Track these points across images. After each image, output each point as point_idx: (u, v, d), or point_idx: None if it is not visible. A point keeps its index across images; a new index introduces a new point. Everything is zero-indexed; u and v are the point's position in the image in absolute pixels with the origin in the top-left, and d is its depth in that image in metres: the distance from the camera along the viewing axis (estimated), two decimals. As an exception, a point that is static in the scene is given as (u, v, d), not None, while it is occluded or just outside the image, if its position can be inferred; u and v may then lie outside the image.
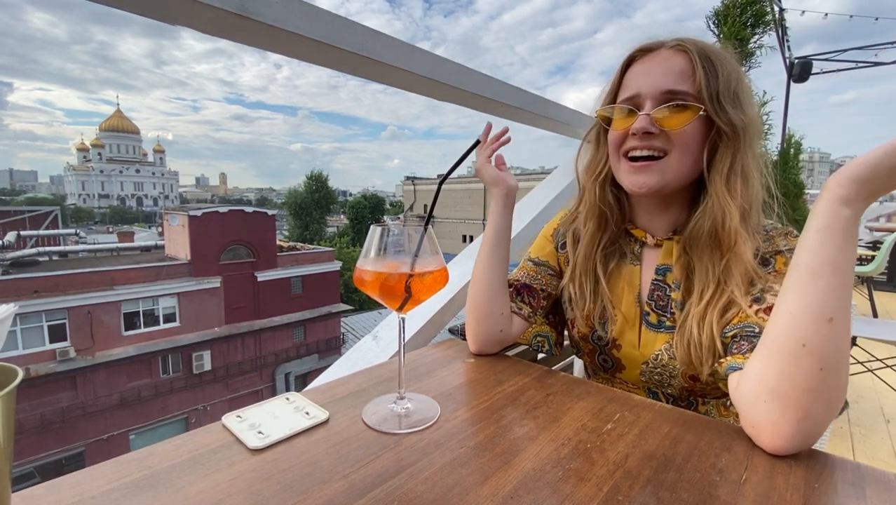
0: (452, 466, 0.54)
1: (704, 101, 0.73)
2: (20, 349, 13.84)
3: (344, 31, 0.96)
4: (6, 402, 0.34)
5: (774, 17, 3.84)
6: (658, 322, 0.83)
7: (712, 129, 0.75)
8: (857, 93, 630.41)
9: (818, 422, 0.56)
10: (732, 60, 0.78)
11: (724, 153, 0.75)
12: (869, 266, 4.62)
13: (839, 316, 0.55)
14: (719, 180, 0.75)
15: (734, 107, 0.74)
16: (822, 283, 0.55)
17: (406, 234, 0.65)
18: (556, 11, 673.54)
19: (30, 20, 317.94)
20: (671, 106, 0.74)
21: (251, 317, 18.56)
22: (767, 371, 0.58)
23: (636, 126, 0.76)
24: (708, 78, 0.73)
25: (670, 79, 0.75)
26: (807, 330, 0.55)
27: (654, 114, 0.75)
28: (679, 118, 0.74)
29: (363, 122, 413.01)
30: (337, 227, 49.21)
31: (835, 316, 0.54)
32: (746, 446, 0.59)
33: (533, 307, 0.95)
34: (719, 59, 0.76)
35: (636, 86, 0.78)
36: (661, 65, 0.77)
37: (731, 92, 0.74)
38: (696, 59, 0.74)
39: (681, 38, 0.78)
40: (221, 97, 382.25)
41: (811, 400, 0.54)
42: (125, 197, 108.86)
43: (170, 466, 0.53)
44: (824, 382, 0.54)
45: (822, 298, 0.55)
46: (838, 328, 0.55)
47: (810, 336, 0.55)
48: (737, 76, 0.76)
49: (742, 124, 0.74)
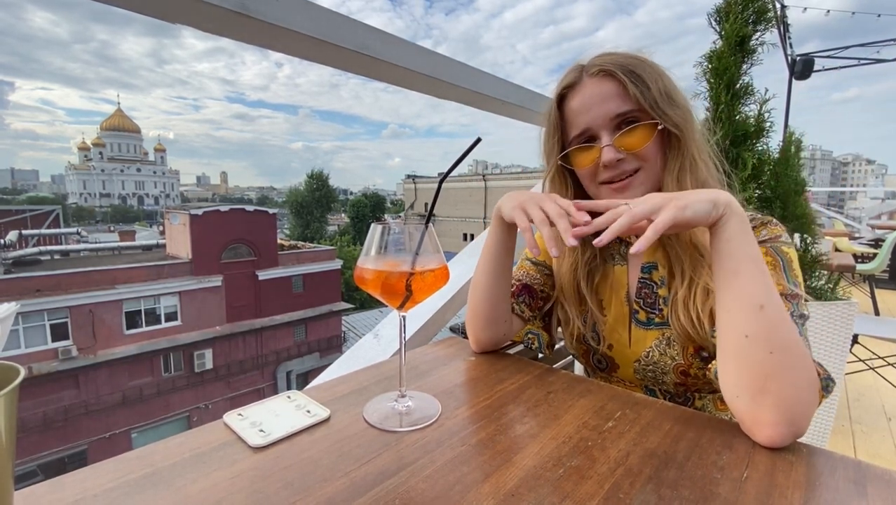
0: (453, 464, 0.54)
1: (649, 113, 0.76)
2: (22, 348, 13.89)
3: (345, 30, 0.96)
4: (8, 400, 0.34)
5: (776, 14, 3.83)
6: (647, 319, 0.84)
7: (663, 134, 0.78)
8: (859, 90, 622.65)
9: (795, 402, 0.57)
10: (649, 61, 0.79)
11: (674, 154, 0.78)
12: (870, 264, 4.62)
13: (768, 301, 0.59)
14: (671, 182, 0.78)
15: (671, 105, 0.76)
16: (743, 276, 0.60)
17: (407, 232, 0.65)
18: (558, 9, 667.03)
19: (31, 19, 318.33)
20: (626, 129, 0.77)
21: (252, 315, 18.59)
22: (728, 368, 0.63)
23: (605, 159, 0.78)
24: (641, 91, 0.75)
25: (612, 104, 0.77)
26: (744, 321, 0.60)
27: (615, 141, 0.77)
28: (638, 138, 0.77)
29: (364, 121, 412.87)
30: (338, 226, 49.22)
31: (764, 302, 0.59)
32: (748, 444, 0.59)
33: (532, 309, 0.95)
34: (640, 67, 0.77)
35: (582, 122, 0.80)
36: (595, 94, 0.78)
37: (664, 93, 0.76)
38: (622, 78, 0.76)
39: (597, 62, 0.79)
40: (222, 96, 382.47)
41: (776, 383, 0.57)
42: (126, 196, 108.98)
43: (171, 464, 0.53)
44: (780, 364, 0.57)
45: (748, 290, 0.60)
46: (771, 311, 0.59)
47: (749, 326, 0.59)
48: (659, 74, 0.78)
49: (683, 118, 0.77)
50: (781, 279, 0.70)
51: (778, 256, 0.73)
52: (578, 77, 0.81)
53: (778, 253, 0.73)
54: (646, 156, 0.78)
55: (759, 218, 0.79)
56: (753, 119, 2.24)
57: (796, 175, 2.43)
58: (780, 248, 0.74)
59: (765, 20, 2.24)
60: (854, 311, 1.34)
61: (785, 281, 0.70)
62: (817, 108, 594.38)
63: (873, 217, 9.72)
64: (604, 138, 0.78)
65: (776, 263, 0.72)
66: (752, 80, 2.25)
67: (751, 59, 2.24)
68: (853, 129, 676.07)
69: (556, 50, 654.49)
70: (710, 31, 2.30)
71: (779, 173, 2.37)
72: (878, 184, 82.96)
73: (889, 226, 8.16)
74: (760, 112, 2.24)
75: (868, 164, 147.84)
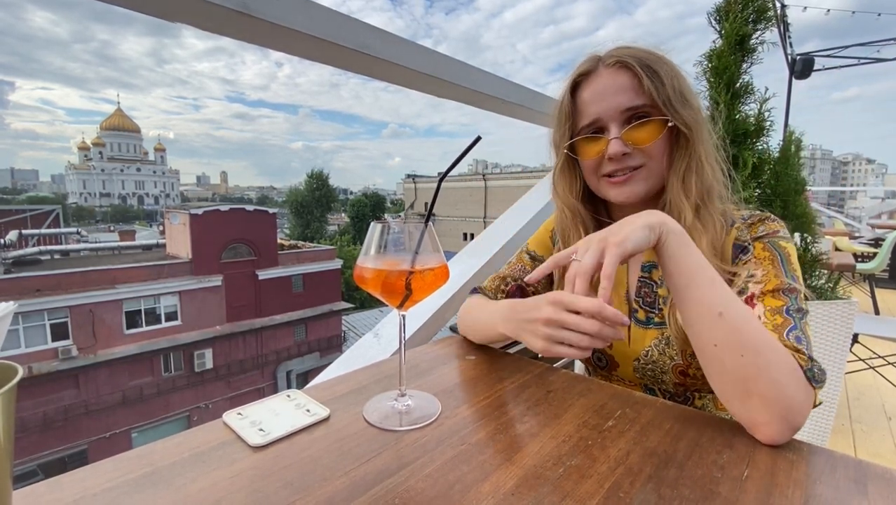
0: (453, 464, 0.54)
1: (661, 110, 0.75)
2: (22, 348, 13.88)
3: (345, 29, 0.96)
4: (6, 399, 0.34)
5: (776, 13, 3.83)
6: (647, 319, 0.84)
7: (672, 132, 0.78)
8: (859, 89, 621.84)
9: (781, 398, 0.57)
10: (666, 59, 0.79)
11: (681, 154, 0.78)
12: (870, 263, 4.62)
13: (725, 307, 0.61)
14: (676, 182, 0.78)
15: (684, 105, 0.76)
16: (695, 288, 0.62)
17: (406, 231, 0.65)
18: (558, 9, 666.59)
19: (31, 19, 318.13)
20: (636, 123, 0.77)
21: (252, 315, 18.59)
22: (710, 378, 0.64)
23: (611, 151, 0.78)
24: (656, 86, 0.75)
25: (624, 97, 0.76)
26: (708, 331, 0.62)
27: (623, 135, 0.77)
28: (647, 133, 0.76)
29: (364, 121, 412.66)
30: (338, 226, 49.19)
31: (721, 309, 0.60)
32: (748, 443, 0.59)
33: None
34: (657, 63, 0.77)
35: (593, 111, 0.79)
36: (609, 85, 0.78)
37: (678, 92, 0.76)
38: (639, 71, 0.75)
39: (615, 53, 0.79)
40: (222, 96, 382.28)
41: (756, 384, 0.58)
42: (126, 196, 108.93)
43: (171, 463, 0.53)
44: (753, 365, 0.58)
45: (703, 300, 0.62)
46: (731, 316, 0.60)
47: (714, 334, 0.61)
48: (675, 73, 0.77)
49: (694, 119, 0.76)
50: (780, 273, 0.70)
51: (776, 251, 0.72)
52: (594, 66, 0.80)
53: (776, 248, 0.73)
54: (652, 153, 0.77)
55: (757, 214, 0.78)
56: (753, 118, 2.24)
57: (796, 174, 2.42)
58: (779, 242, 0.74)
59: (765, 19, 2.23)
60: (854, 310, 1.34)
61: (783, 276, 0.70)
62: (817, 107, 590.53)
63: (873, 216, 9.72)
64: (612, 130, 0.78)
65: (773, 257, 0.72)
66: (751, 80, 2.25)
67: (751, 58, 2.24)
68: (853, 128, 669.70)
69: (557, 49, 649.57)
70: (710, 30, 2.30)
71: (779, 172, 2.37)
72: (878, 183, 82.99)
73: (889, 225, 8.16)
74: (760, 111, 2.24)
75: (868, 164, 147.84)
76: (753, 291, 0.70)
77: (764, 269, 0.71)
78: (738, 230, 0.77)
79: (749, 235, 0.76)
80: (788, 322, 0.65)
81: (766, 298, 0.68)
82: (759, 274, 0.71)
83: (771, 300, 0.68)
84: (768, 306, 0.67)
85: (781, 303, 0.67)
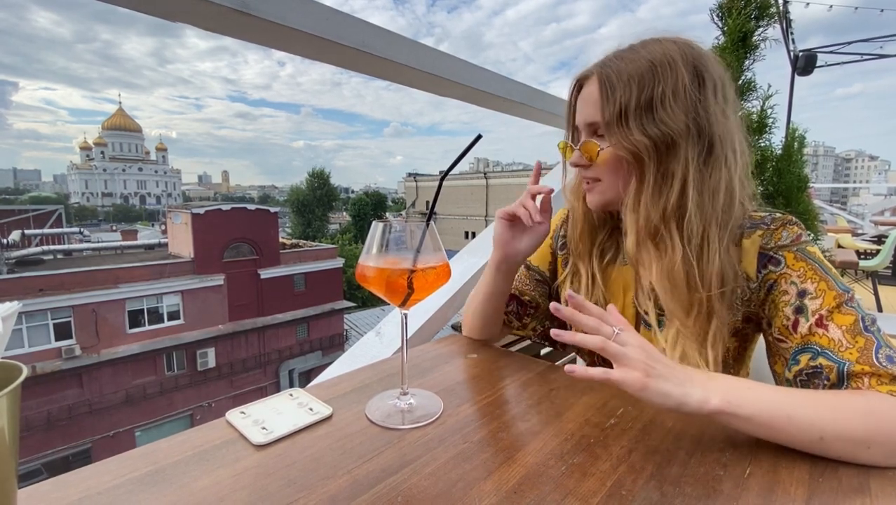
0: (456, 462, 0.54)
1: (604, 129, 0.74)
2: (26, 347, 13.93)
3: (347, 28, 0.96)
4: (11, 399, 0.34)
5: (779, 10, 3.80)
6: (658, 322, 0.81)
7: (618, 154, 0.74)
8: (862, 86, 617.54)
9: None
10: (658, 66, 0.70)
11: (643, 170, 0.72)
12: (874, 260, 4.60)
13: (822, 430, 0.55)
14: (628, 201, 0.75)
15: (648, 122, 0.69)
16: (781, 435, 0.57)
17: (408, 230, 0.65)
18: (560, 7, 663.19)
19: (34, 19, 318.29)
20: (593, 138, 0.77)
21: (255, 314, 18.62)
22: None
23: (570, 161, 0.82)
24: (604, 104, 0.72)
25: (590, 111, 0.76)
26: (822, 454, 0.56)
27: (580, 147, 0.78)
28: (590, 151, 0.77)
29: (366, 119, 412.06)
30: (339, 225, 49.21)
31: (821, 434, 0.55)
32: (750, 441, 0.59)
33: (521, 318, 0.97)
34: (623, 74, 0.71)
35: (577, 118, 0.80)
36: (587, 95, 0.77)
37: (641, 107, 0.70)
38: (599, 86, 0.73)
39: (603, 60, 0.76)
40: (224, 95, 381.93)
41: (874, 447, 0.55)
42: (128, 195, 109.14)
43: (174, 461, 0.53)
44: (881, 454, 0.55)
45: (797, 440, 0.56)
46: (832, 436, 0.55)
47: (829, 454, 0.56)
48: (647, 82, 0.70)
49: (660, 136, 0.69)
50: (830, 283, 0.66)
51: (809, 260, 0.68)
52: (591, 72, 0.79)
53: (807, 256, 0.69)
54: (603, 168, 0.77)
55: (778, 218, 0.73)
56: (756, 115, 2.23)
57: (799, 171, 2.42)
58: (806, 248, 0.69)
59: (767, 16, 2.23)
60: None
61: (835, 285, 0.65)
62: (820, 104, 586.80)
63: (876, 213, 9.67)
64: (581, 140, 0.79)
65: (812, 266, 0.68)
66: (754, 76, 2.25)
67: (753, 54, 2.23)
68: (856, 125, 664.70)
69: (559, 47, 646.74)
70: (713, 27, 2.30)
71: (781, 169, 2.37)
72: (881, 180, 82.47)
73: (892, 222, 8.13)
74: (763, 108, 2.24)
75: (871, 161, 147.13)
76: (820, 312, 0.65)
77: (812, 281, 0.67)
78: (763, 237, 0.72)
79: (773, 242, 0.71)
80: (871, 341, 0.61)
81: (834, 315, 0.64)
82: (810, 288, 0.66)
83: (840, 317, 0.63)
84: (842, 326, 0.63)
85: (852, 318, 0.63)
